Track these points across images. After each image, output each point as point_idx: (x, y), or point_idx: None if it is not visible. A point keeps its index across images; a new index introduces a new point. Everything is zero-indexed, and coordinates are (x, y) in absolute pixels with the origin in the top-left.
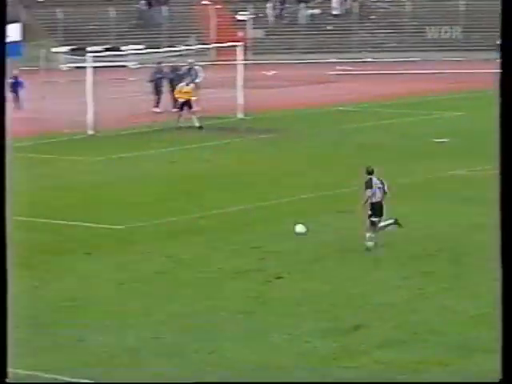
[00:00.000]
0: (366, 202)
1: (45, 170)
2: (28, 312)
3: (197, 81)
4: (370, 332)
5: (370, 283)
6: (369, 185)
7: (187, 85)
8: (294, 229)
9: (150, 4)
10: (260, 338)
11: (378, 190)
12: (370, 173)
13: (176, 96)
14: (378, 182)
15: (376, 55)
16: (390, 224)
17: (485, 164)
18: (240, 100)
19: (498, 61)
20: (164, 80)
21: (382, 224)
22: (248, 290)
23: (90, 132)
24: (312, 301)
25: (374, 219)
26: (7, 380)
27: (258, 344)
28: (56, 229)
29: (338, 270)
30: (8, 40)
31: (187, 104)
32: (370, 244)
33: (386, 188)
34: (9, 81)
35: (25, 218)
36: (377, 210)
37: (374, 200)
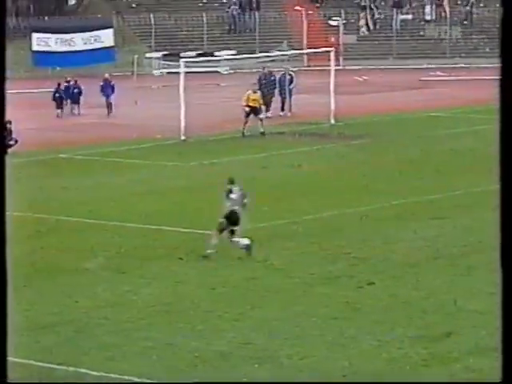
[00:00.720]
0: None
1: (137, 176)
2: (121, 317)
3: (291, 87)
4: (461, 339)
5: (462, 290)
6: (228, 194)
7: (254, 92)
8: (239, 242)
9: (242, 9)
10: (351, 344)
11: (235, 200)
12: (231, 182)
13: (244, 104)
14: (238, 192)
15: (469, 61)
16: (243, 246)
17: None
18: (332, 106)
19: None
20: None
21: (236, 239)
22: (339, 295)
23: (182, 137)
24: (403, 307)
25: (226, 227)
26: (8, 380)
27: (349, 350)
28: (148, 234)
29: (430, 277)
30: (101, 46)
31: (254, 110)
32: (209, 251)
33: (246, 200)
34: (100, 84)
35: (118, 223)
36: (231, 218)
37: (231, 209)
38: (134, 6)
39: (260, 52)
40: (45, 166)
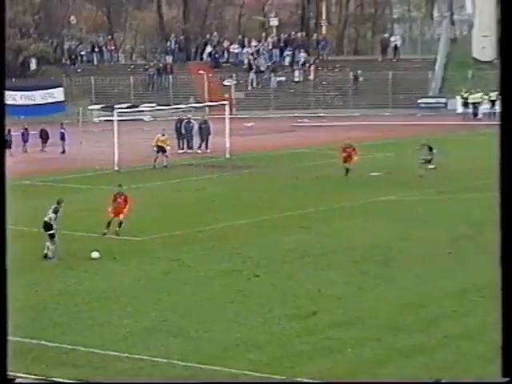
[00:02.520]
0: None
1: (82, 197)
2: (70, 302)
3: (210, 134)
4: (323, 316)
5: (324, 280)
6: (56, 210)
7: (163, 135)
8: (90, 255)
9: (159, 73)
10: (243, 321)
11: (52, 214)
12: (59, 203)
13: (153, 144)
14: (50, 209)
15: (327, 111)
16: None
17: (409, 192)
18: (227, 144)
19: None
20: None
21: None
22: (233, 285)
23: (116, 168)
24: (280, 293)
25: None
26: (8, 376)
27: (241, 325)
28: (90, 240)
29: (300, 271)
30: (55, 100)
31: (162, 149)
32: (49, 253)
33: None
34: (60, 131)
35: (67, 232)
36: (45, 227)
37: (49, 221)
38: (79, 70)
39: (174, 104)
40: (13, 189)
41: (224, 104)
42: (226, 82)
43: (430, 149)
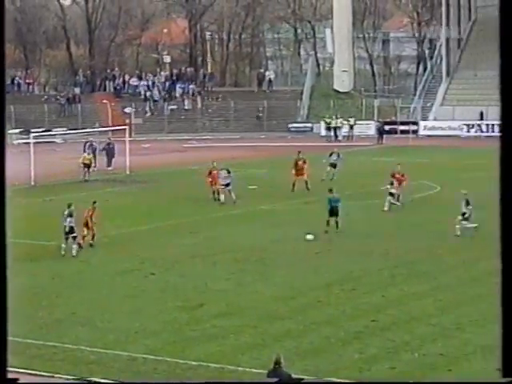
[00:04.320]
0: None
1: None
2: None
3: (114, 154)
4: (210, 307)
5: (210, 277)
6: (71, 213)
7: (88, 154)
8: (305, 237)
9: (69, 102)
10: (141, 312)
11: (69, 218)
12: (69, 206)
13: (80, 161)
14: (65, 216)
15: (212, 134)
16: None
17: (281, 201)
18: (127, 162)
19: (289, 138)
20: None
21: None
22: (132, 282)
23: (32, 183)
24: (173, 289)
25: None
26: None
27: (140, 316)
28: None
29: (190, 269)
30: None
31: (88, 166)
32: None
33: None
34: None
35: None
36: (70, 232)
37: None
38: None
39: (82, 129)
40: None
41: (125, 128)
42: (126, 110)
43: (338, 155)
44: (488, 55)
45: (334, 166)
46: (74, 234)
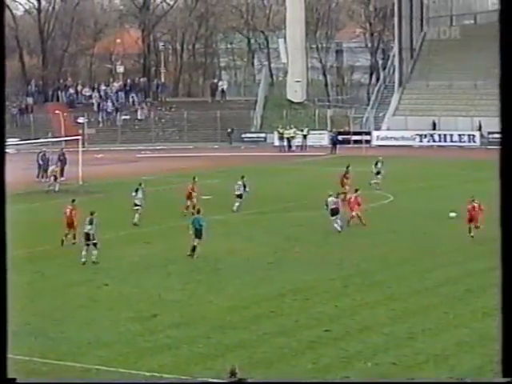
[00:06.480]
0: None
1: None
2: None
3: (66, 164)
4: (163, 318)
5: (165, 287)
6: (91, 221)
7: (57, 167)
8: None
9: (21, 112)
10: (94, 323)
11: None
12: (92, 214)
13: (50, 172)
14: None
15: (166, 144)
16: None
17: (235, 212)
18: (80, 173)
19: (242, 148)
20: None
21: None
22: (86, 292)
23: None
24: (126, 298)
25: None
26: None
27: (92, 327)
28: None
29: (144, 279)
30: None
31: (55, 177)
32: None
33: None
34: None
35: None
36: (87, 238)
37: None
38: None
39: (34, 139)
40: None
41: (78, 139)
42: (79, 120)
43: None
44: (440, 66)
45: (378, 173)
46: (95, 241)
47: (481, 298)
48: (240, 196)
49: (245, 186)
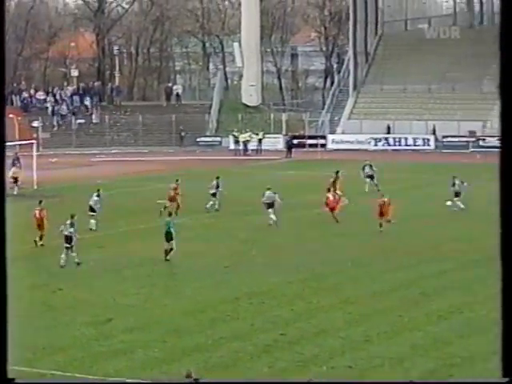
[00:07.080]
0: None
1: None
2: None
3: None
4: (118, 322)
5: (119, 291)
6: (72, 223)
7: (18, 168)
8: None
9: None
10: (48, 328)
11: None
12: (72, 217)
13: (10, 176)
14: (67, 225)
15: (120, 148)
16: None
17: (191, 216)
18: (35, 177)
19: (198, 151)
20: None
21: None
22: (41, 297)
23: None
24: (81, 303)
25: None
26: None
27: (47, 332)
28: None
29: (98, 284)
30: None
31: (16, 180)
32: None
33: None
34: None
35: None
36: (67, 241)
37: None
38: None
39: None
40: None
41: (32, 143)
42: (33, 124)
43: (370, 166)
44: (394, 70)
45: (371, 177)
46: (73, 244)
47: (435, 301)
48: (214, 195)
49: (218, 186)
